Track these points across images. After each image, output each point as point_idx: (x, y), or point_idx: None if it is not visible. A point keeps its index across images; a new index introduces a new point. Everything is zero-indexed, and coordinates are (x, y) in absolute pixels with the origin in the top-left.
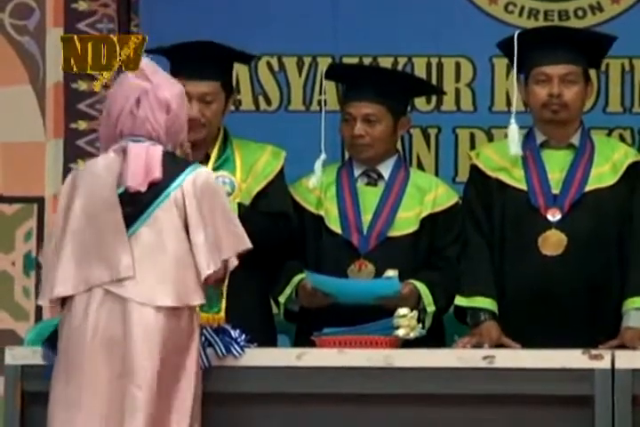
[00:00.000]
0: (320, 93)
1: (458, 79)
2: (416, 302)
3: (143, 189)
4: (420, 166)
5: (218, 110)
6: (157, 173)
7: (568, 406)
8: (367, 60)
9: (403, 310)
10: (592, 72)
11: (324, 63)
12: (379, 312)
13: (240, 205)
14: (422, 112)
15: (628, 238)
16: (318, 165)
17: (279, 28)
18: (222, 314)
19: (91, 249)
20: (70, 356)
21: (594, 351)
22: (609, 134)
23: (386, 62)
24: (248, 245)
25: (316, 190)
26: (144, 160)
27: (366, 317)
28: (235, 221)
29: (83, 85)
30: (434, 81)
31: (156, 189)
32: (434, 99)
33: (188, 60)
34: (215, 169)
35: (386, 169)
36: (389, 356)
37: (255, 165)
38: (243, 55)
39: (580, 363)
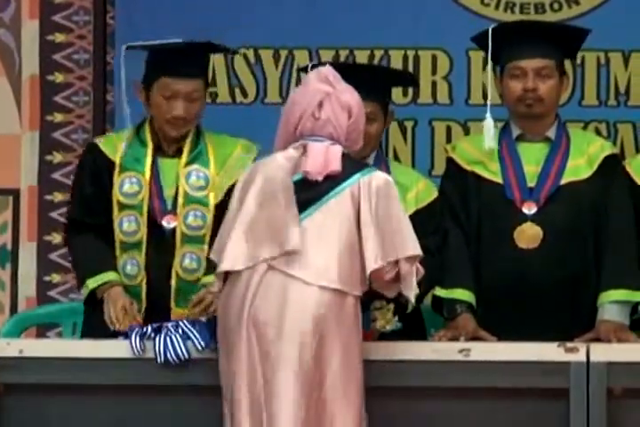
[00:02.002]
0: (296, 86)
1: (434, 72)
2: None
3: (320, 177)
4: (397, 159)
5: (201, 107)
6: (336, 166)
7: (543, 398)
8: (343, 53)
9: (379, 303)
10: (568, 65)
11: (300, 56)
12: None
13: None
14: (399, 105)
15: (603, 232)
16: None
17: (255, 20)
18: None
19: (262, 228)
20: (227, 330)
21: (569, 344)
22: (584, 127)
23: (362, 55)
24: (418, 251)
25: None
26: (324, 154)
27: None
28: (408, 227)
29: (59, 77)
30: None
31: (334, 181)
32: (410, 91)
33: (178, 59)
34: (188, 163)
35: None
36: (366, 349)
37: (228, 160)
38: (225, 51)
39: (555, 356)
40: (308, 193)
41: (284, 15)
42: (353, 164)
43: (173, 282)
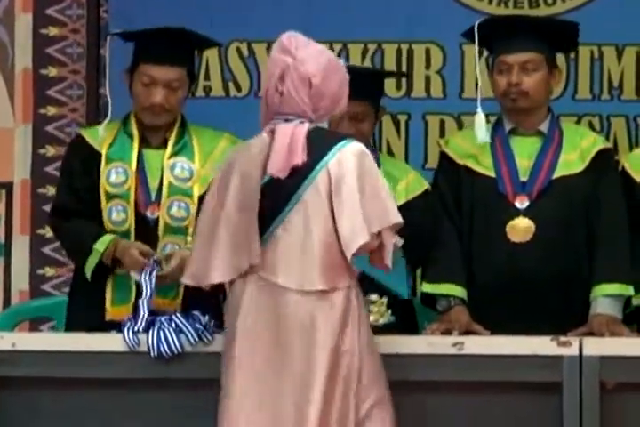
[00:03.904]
0: None
1: (428, 66)
2: None
3: (283, 175)
4: (390, 153)
5: (182, 97)
6: (298, 159)
7: (536, 392)
8: (337, 47)
9: (372, 297)
10: (561, 59)
11: None
12: None
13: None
14: (392, 98)
15: (595, 225)
16: None
17: (249, 14)
18: (179, 300)
19: (242, 235)
20: (227, 340)
21: (562, 338)
22: (578, 121)
23: (356, 49)
24: (399, 219)
25: None
26: (287, 146)
27: None
28: (387, 196)
29: (52, 71)
30: (404, 67)
31: (301, 174)
32: (404, 85)
33: (156, 45)
34: (173, 155)
35: None
36: None
37: (213, 153)
38: (210, 42)
39: (548, 350)
40: (280, 192)
41: (278, 8)
42: (322, 143)
43: (155, 271)
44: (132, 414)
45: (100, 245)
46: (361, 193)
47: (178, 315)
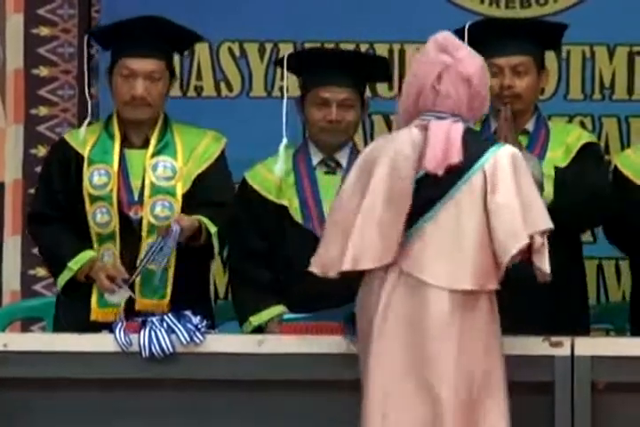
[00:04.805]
0: (282, 79)
1: None
2: None
3: (440, 172)
4: None
5: (163, 90)
6: (456, 158)
7: (528, 392)
8: (329, 47)
9: None
10: (552, 59)
11: (285, 49)
12: (340, 298)
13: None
14: (384, 98)
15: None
16: (282, 152)
17: (240, 14)
18: (167, 300)
19: (388, 227)
20: (364, 335)
21: (554, 339)
22: (569, 121)
23: (347, 48)
24: (550, 224)
25: (279, 179)
26: (444, 143)
27: (329, 303)
28: (537, 199)
29: (44, 71)
30: (396, 67)
31: (457, 172)
32: (396, 85)
33: (132, 37)
34: (155, 153)
35: (343, 157)
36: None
37: (196, 149)
38: (190, 34)
39: (540, 350)
40: (433, 189)
41: (270, 8)
42: (476, 145)
43: (139, 272)
44: (124, 415)
45: (75, 264)
46: (519, 196)
47: (169, 315)
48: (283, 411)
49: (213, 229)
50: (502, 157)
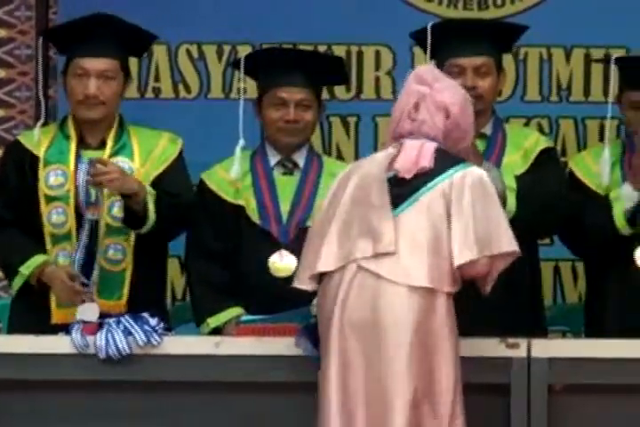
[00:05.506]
0: (239, 81)
1: (378, 67)
2: None
3: (409, 175)
4: (340, 155)
5: (117, 90)
6: (427, 163)
7: (484, 394)
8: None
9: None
10: (510, 61)
11: (243, 51)
12: (297, 300)
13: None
14: (342, 100)
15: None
16: (238, 154)
17: (199, 15)
18: (124, 301)
19: (356, 226)
20: (322, 334)
21: (510, 340)
22: (527, 123)
23: None
24: (514, 248)
25: (236, 181)
26: (417, 150)
27: (286, 305)
28: (504, 222)
29: (1, 73)
30: (354, 69)
31: (426, 178)
32: (353, 87)
33: (86, 36)
34: (112, 155)
35: (301, 158)
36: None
37: (153, 151)
38: (144, 33)
39: (496, 352)
40: (400, 190)
41: (228, 10)
42: (447, 160)
43: (96, 273)
44: (80, 416)
45: (26, 269)
46: (478, 214)
47: (126, 317)
48: (239, 412)
49: (152, 193)
50: (471, 173)
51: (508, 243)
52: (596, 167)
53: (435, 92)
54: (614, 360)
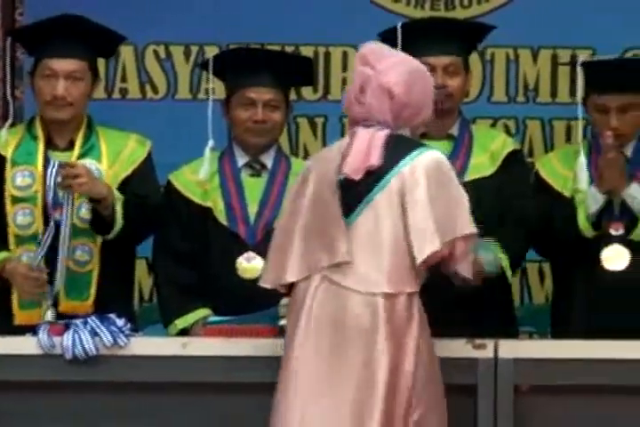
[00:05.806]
0: (207, 82)
1: (345, 68)
2: None
3: (357, 177)
4: (307, 156)
5: (85, 91)
6: (375, 161)
7: (451, 395)
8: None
9: (287, 300)
10: (477, 61)
11: (211, 52)
12: (265, 301)
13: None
14: (309, 101)
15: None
16: (208, 154)
17: (166, 16)
18: (91, 301)
19: (316, 235)
20: (288, 340)
21: (477, 341)
22: (493, 124)
23: None
24: (473, 229)
25: (205, 182)
26: (364, 147)
27: (253, 306)
28: (463, 204)
29: None
30: (321, 70)
31: (377, 176)
32: (321, 88)
33: (54, 37)
34: (80, 156)
35: (268, 159)
36: (277, 344)
37: (122, 153)
38: (112, 34)
39: (463, 352)
40: (354, 192)
41: (195, 11)
42: (399, 148)
43: (60, 274)
44: (47, 418)
45: None
46: (433, 201)
47: (93, 318)
48: (206, 413)
49: (120, 198)
50: (421, 162)
51: (467, 225)
52: (562, 169)
53: (378, 74)
54: (580, 361)
